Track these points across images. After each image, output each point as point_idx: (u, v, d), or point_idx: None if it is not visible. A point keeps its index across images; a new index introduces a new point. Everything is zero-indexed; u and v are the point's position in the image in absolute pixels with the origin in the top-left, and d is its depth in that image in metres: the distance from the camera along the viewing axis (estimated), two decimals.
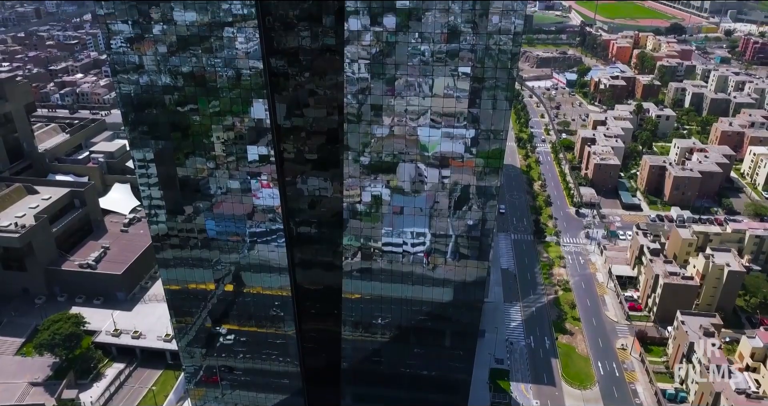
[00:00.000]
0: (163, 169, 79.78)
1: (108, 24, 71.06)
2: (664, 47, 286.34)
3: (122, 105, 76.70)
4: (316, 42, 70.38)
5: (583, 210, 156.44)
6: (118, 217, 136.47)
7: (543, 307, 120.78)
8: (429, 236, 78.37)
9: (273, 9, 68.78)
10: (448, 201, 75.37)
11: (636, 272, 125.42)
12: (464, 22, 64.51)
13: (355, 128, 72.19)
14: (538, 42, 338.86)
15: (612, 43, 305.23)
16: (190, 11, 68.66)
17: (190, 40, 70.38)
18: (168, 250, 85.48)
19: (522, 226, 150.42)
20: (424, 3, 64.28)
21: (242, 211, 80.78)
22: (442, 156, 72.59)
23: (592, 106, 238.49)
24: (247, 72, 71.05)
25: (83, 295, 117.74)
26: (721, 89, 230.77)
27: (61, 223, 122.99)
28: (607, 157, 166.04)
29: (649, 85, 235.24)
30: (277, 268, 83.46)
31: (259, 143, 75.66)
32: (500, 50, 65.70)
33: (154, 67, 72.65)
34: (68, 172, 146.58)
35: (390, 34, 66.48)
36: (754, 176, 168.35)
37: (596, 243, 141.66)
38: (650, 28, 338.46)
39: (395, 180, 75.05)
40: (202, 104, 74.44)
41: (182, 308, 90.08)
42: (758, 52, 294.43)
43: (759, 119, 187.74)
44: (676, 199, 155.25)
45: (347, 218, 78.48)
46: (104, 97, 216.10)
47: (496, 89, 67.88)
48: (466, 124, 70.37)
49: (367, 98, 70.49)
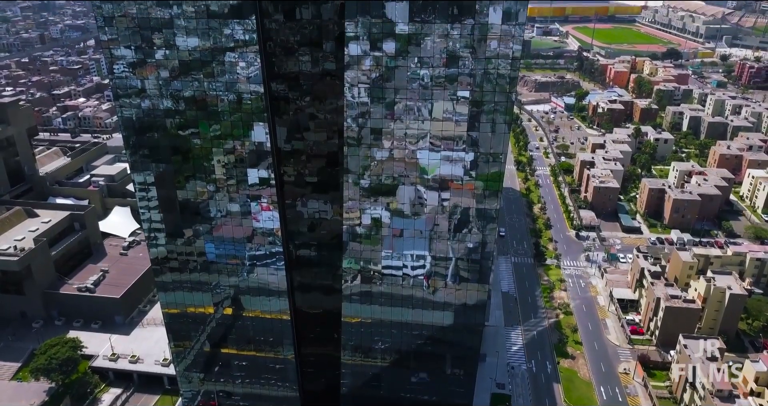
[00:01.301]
0: (163, 193, 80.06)
1: (111, 49, 72.11)
2: (661, 72, 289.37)
3: (123, 129, 77.34)
4: (317, 67, 71.28)
5: (583, 233, 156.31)
6: (117, 240, 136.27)
7: (544, 330, 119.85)
8: (429, 259, 78.25)
9: (274, 34, 69.82)
10: (448, 224, 75.46)
11: (637, 296, 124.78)
12: (463, 47, 65.42)
13: (355, 151, 72.66)
14: (536, 67, 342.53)
15: (609, 67, 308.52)
16: (192, 37, 69.70)
17: (192, 64, 71.31)
18: (167, 273, 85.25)
19: (522, 249, 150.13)
20: (423, 28, 65.24)
21: (242, 234, 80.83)
22: (442, 179, 72.91)
23: (590, 129, 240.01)
24: (248, 96, 71.81)
25: (81, 318, 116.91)
26: (718, 113, 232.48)
27: (61, 246, 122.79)
28: (606, 181, 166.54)
29: (646, 109, 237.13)
30: (276, 291, 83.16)
31: (260, 166, 76.06)
32: (499, 75, 66.51)
33: (155, 91, 73.46)
34: (69, 195, 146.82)
35: (389, 59, 67.36)
36: (754, 199, 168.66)
37: (597, 266, 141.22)
38: (647, 53, 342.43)
39: (395, 203, 75.25)
40: (203, 128, 75.07)
41: (181, 331, 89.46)
42: (754, 77, 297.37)
43: (757, 142, 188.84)
44: (676, 222, 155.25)
45: (347, 240, 78.49)
46: (106, 121, 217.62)
47: (495, 113, 68.53)
48: (466, 148, 70.88)
49: (367, 122, 71.11)
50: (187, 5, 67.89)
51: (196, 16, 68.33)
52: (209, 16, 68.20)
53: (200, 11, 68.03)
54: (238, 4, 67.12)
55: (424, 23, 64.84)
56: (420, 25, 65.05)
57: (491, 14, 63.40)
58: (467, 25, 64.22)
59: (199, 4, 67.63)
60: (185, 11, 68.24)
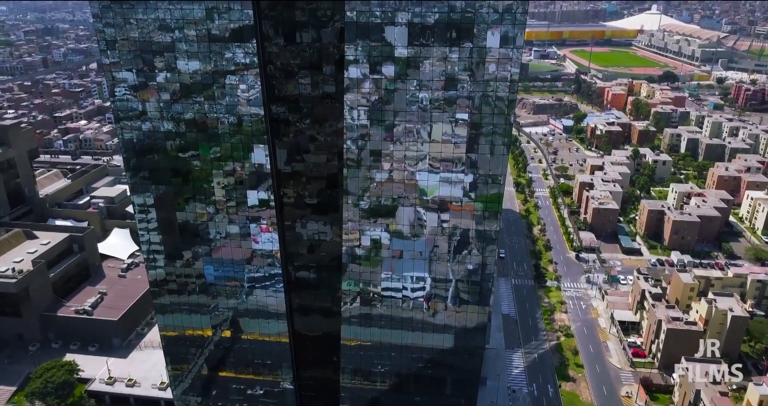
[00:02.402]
0: (162, 214, 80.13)
1: (112, 72, 72.87)
2: (658, 94, 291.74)
3: (124, 151, 77.74)
4: (317, 89, 71.97)
5: (583, 254, 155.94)
6: (116, 262, 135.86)
7: (545, 353, 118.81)
8: (429, 281, 77.98)
9: (274, 57, 70.64)
10: (448, 245, 75.37)
11: (638, 318, 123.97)
12: (461, 70, 66.14)
13: (354, 173, 72.93)
14: (534, 89, 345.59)
15: (607, 90, 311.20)
16: (193, 60, 70.47)
17: (193, 87, 71.99)
18: (165, 295, 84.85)
19: (522, 270, 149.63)
20: (422, 52, 66.02)
21: (241, 255, 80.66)
22: (441, 200, 73.06)
23: (589, 151, 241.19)
24: (249, 118, 72.33)
25: (78, 341, 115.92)
26: (715, 135, 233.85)
27: (59, 268, 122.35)
28: (605, 202, 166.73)
29: (644, 131, 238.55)
30: (275, 313, 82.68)
31: (259, 188, 76.27)
32: (497, 97, 67.12)
33: (156, 113, 74.03)
34: (68, 217, 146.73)
35: (389, 82, 68.03)
36: (753, 220, 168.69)
37: (597, 288, 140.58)
38: (643, 76, 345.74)
39: (394, 224, 75.26)
40: (203, 150, 75.45)
41: (178, 354, 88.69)
42: (750, 99, 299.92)
43: (755, 164, 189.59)
44: (676, 244, 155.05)
45: (346, 262, 78.29)
46: (107, 143, 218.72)
47: (494, 135, 68.98)
48: (465, 169, 71.18)
49: (367, 144, 71.53)
50: (188, 29, 68.82)
51: (198, 39, 69.20)
52: (210, 40, 69.06)
53: (201, 35, 68.91)
54: (239, 27, 68.02)
55: (422, 47, 65.64)
56: (419, 49, 65.85)
57: (489, 38, 64.25)
58: (465, 48, 65.02)
59: (200, 28, 68.55)
60: (187, 35, 69.14)
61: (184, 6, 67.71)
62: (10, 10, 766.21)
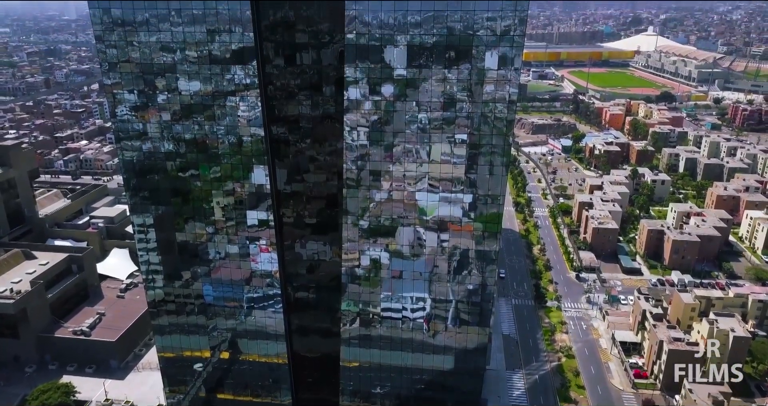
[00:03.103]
0: (162, 234, 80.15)
1: (114, 93, 73.51)
2: (656, 114, 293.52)
3: (124, 171, 78.04)
4: (317, 110, 72.57)
5: (583, 274, 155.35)
6: (115, 282, 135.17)
7: (546, 374, 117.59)
8: (429, 302, 77.69)
9: (275, 78, 71.34)
10: (448, 266, 75.29)
11: (640, 338, 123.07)
12: (460, 90, 66.78)
13: (354, 193, 73.17)
14: (532, 109, 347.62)
15: (605, 110, 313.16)
16: (194, 81, 71.15)
17: (194, 108, 72.57)
18: (164, 316, 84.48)
19: (522, 290, 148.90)
20: (421, 73, 66.69)
21: (240, 276, 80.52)
22: (441, 220, 73.17)
23: (587, 171, 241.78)
24: (249, 139, 72.81)
25: (75, 363, 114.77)
26: (713, 155, 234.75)
27: (57, 289, 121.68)
28: (605, 222, 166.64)
29: (643, 151, 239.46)
30: (274, 334, 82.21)
31: (259, 208, 76.41)
32: (496, 117, 67.68)
33: (156, 134, 74.50)
34: (67, 237, 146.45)
35: (388, 103, 68.61)
36: (753, 240, 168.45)
37: (598, 308, 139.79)
38: (641, 96, 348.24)
39: (394, 244, 75.27)
40: (203, 170, 75.78)
41: (176, 376, 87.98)
42: (747, 119, 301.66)
43: (753, 184, 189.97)
44: (676, 263, 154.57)
45: (346, 282, 78.13)
46: (107, 163, 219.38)
47: (493, 155, 69.40)
48: (464, 189, 71.46)
49: (366, 164, 71.91)
50: (189, 50, 69.60)
51: (199, 61, 69.97)
52: (211, 62, 69.83)
53: (202, 56, 69.69)
54: (239, 49, 68.81)
55: (422, 68, 66.35)
56: (418, 70, 66.57)
57: (488, 59, 65.06)
58: (464, 69, 65.76)
59: (201, 50, 69.33)
60: (188, 56, 69.90)
61: (185, 28, 68.57)
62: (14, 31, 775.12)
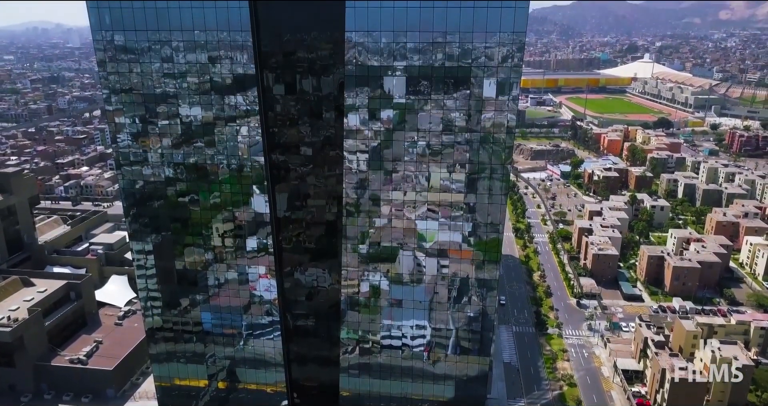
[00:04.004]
0: (161, 261, 79.95)
1: (115, 119, 74.16)
2: (654, 140, 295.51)
3: (124, 197, 78.25)
4: (317, 136, 73.13)
5: (584, 301, 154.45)
6: (113, 309, 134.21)
7: (548, 404, 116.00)
8: (429, 330, 77.08)
9: (275, 105, 72.03)
10: (448, 292, 74.95)
11: (642, 366, 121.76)
12: (459, 117, 67.38)
13: (353, 219, 73.29)
14: (531, 135, 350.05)
15: (603, 136, 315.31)
16: (195, 108, 71.81)
17: (194, 134, 73.11)
18: (161, 343, 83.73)
19: (523, 317, 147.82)
20: (420, 100, 67.40)
21: (239, 303, 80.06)
22: (441, 247, 73.08)
23: (586, 196, 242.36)
24: (249, 165, 73.15)
25: (72, 392, 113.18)
26: (712, 180, 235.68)
27: (55, 316, 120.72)
28: (605, 248, 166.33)
29: (641, 177, 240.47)
30: (273, 363, 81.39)
31: (259, 235, 76.39)
32: (495, 143, 68.14)
33: (157, 160, 74.92)
34: (66, 264, 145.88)
35: (388, 130, 69.17)
36: (753, 266, 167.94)
37: (599, 335, 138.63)
38: (638, 123, 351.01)
39: (393, 271, 75.04)
40: (203, 197, 75.99)
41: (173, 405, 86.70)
42: (745, 145, 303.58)
43: (752, 210, 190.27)
44: (677, 290, 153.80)
45: (345, 309, 77.63)
46: (107, 189, 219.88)
47: (492, 181, 69.66)
48: (464, 215, 71.55)
49: (366, 190, 72.14)
50: (191, 78, 70.44)
51: (200, 88, 70.74)
52: (212, 89, 70.60)
53: (204, 84, 70.48)
54: (241, 76, 69.63)
55: (420, 95, 67.08)
56: (417, 97, 67.27)
57: (486, 86, 65.77)
58: (463, 96, 66.45)
59: (202, 77, 70.16)
60: (189, 83, 70.71)
61: (187, 55, 69.53)
62: (18, 59, 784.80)
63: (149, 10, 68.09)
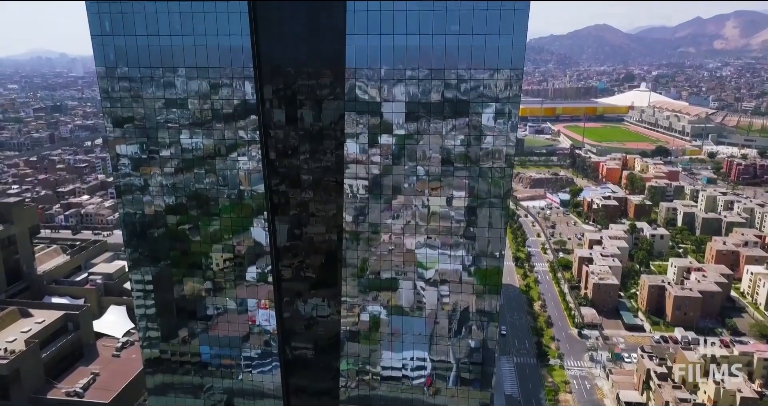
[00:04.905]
0: (160, 291, 79.76)
1: (116, 147, 74.89)
2: (652, 169, 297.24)
3: (124, 226, 78.45)
4: (317, 164, 73.61)
5: (585, 331, 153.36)
6: (110, 340, 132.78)
7: None
8: (429, 361, 76.44)
9: (276, 134, 72.77)
10: (448, 323, 74.53)
11: (645, 398, 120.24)
12: (458, 145, 68.05)
13: (353, 248, 73.38)
14: (530, 163, 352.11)
15: (601, 164, 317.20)
16: (196, 137, 72.55)
17: (195, 163, 73.69)
18: (159, 375, 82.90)
19: (524, 348, 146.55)
20: (419, 127, 68.21)
21: (238, 333, 79.50)
22: (441, 276, 72.99)
23: (586, 225, 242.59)
24: (249, 194, 73.56)
25: None
26: (710, 209, 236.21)
27: (52, 348, 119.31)
28: (605, 277, 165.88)
29: (640, 205, 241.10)
30: (271, 395, 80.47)
31: (258, 264, 76.36)
32: (494, 172, 68.62)
33: (157, 189, 75.40)
34: (65, 294, 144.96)
35: (387, 158, 69.80)
36: (755, 296, 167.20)
37: (601, 366, 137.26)
38: (636, 151, 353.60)
39: (393, 301, 74.81)
40: (203, 226, 76.19)
41: None
42: (742, 173, 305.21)
43: (752, 238, 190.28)
44: (679, 320, 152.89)
45: (344, 340, 77.12)
46: (108, 217, 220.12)
47: (492, 209, 69.89)
48: (464, 244, 71.61)
49: (366, 219, 72.39)
50: (192, 106, 71.35)
51: (201, 117, 71.58)
52: (213, 117, 71.42)
53: (205, 112, 71.33)
54: (241, 106, 70.54)
55: (420, 123, 67.90)
56: (416, 125, 68.06)
57: (485, 115, 66.58)
58: (462, 125, 67.23)
59: (204, 105, 71.06)
60: (190, 113, 71.58)
61: (189, 85, 70.60)
62: (22, 88, 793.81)
63: (153, 48, 69.41)
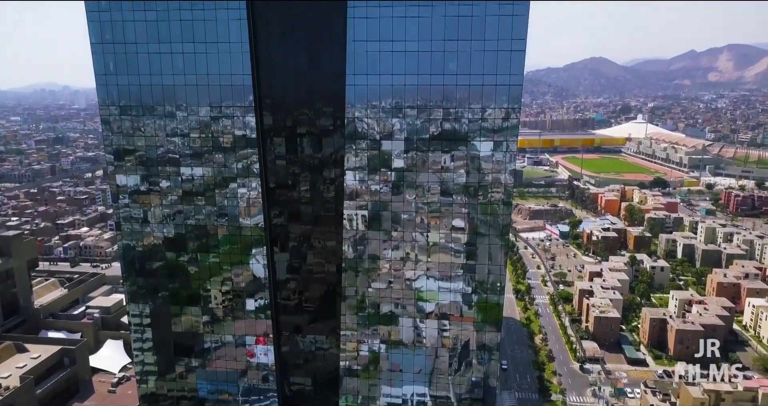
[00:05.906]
0: (157, 325, 79.39)
1: (117, 179, 75.49)
2: (651, 200, 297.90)
3: (123, 258, 78.59)
4: (317, 195, 74.16)
5: (587, 365, 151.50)
6: (107, 376, 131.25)
7: None
8: (429, 397, 75.59)
9: (276, 166, 73.47)
10: (449, 358, 74.01)
11: None
12: (457, 177, 68.71)
13: (352, 280, 73.34)
14: (529, 195, 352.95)
15: (600, 196, 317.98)
16: (196, 168, 73.24)
17: (195, 195, 74.22)
18: None
19: (525, 383, 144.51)
20: (418, 160, 68.96)
21: (235, 369, 78.79)
22: (440, 309, 72.81)
23: (586, 256, 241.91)
24: (249, 226, 73.85)
25: None
26: (710, 240, 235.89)
27: (47, 384, 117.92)
28: (606, 310, 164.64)
29: (640, 237, 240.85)
30: None
31: (257, 296, 76.21)
32: (493, 203, 69.13)
33: (157, 220, 75.84)
34: (62, 328, 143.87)
35: (387, 189, 70.35)
36: (757, 329, 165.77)
37: (604, 402, 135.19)
38: (635, 182, 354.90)
39: (393, 334, 74.45)
40: (202, 258, 76.26)
41: None
42: (741, 205, 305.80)
43: (753, 270, 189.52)
44: (682, 354, 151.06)
45: (343, 374, 76.40)
46: (107, 250, 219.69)
47: (491, 241, 70.14)
48: (463, 277, 71.64)
49: (365, 251, 72.61)
50: (193, 137, 72.23)
51: (202, 148, 72.38)
52: (214, 149, 72.23)
53: (205, 143, 72.17)
54: (242, 136, 71.40)
55: (419, 156, 68.70)
56: (415, 158, 68.84)
57: (484, 147, 67.50)
58: (461, 157, 68.00)
59: (204, 137, 71.96)
60: (191, 145, 72.41)
61: (189, 116, 71.60)
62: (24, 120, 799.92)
63: (156, 87, 70.75)
